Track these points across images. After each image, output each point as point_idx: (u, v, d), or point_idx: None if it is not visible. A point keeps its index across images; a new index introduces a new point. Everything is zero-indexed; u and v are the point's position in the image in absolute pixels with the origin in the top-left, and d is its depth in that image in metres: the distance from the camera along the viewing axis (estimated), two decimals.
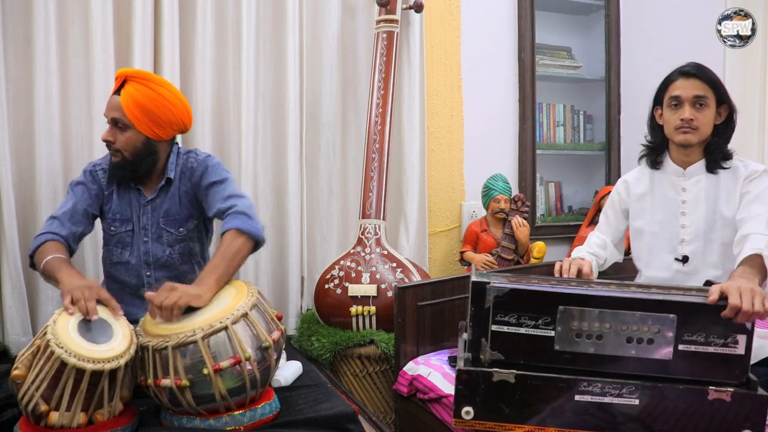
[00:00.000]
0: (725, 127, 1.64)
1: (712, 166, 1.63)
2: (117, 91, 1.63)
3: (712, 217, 1.62)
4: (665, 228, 1.69)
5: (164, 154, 1.73)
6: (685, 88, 1.60)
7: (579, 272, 1.62)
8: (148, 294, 1.37)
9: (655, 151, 1.74)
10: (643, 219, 1.74)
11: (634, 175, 1.80)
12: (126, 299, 1.68)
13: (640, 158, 1.79)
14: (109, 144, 1.66)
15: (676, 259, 1.66)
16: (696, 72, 1.60)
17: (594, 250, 1.79)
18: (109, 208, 1.73)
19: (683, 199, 1.66)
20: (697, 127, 1.59)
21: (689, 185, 1.66)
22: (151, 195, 1.72)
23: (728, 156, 1.62)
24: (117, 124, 1.63)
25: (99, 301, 1.37)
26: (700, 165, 1.65)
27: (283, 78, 2.40)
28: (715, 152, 1.62)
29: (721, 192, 1.62)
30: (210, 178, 1.69)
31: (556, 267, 1.65)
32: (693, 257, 1.64)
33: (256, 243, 1.58)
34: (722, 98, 1.61)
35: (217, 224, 1.80)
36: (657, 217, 1.71)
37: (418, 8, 2.51)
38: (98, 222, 1.79)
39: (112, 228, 1.73)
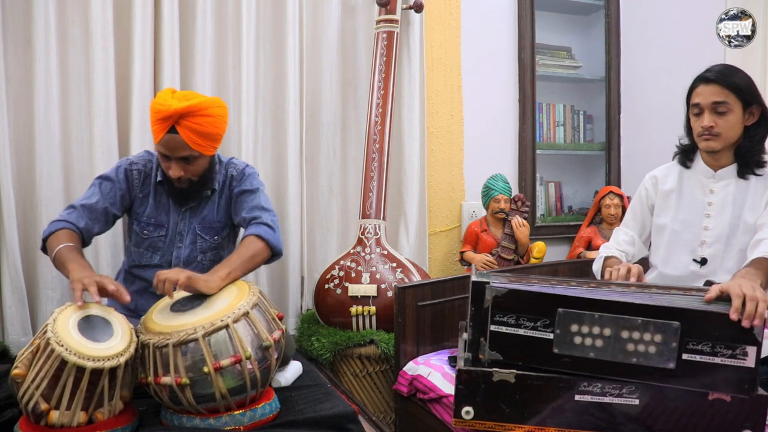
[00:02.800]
0: (757, 128, 1.58)
1: (744, 172, 1.60)
2: (170, 130, 1.55)
3: (736, 222, 1.59)
4: (688, 228, 1.66)
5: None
6: (704, 94, 1.57)
7: (628, 272, 1.54)
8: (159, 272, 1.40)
9: (687, 153, 1.71)
10: (667, 216, 1.71)
11: (663, 171, 1.77)
12: (147, 297, 1.68)
13: (674, 157, 1.76)
14: (179, 178, 1.63)
15: (695, 261, 1.64)
16: (715, 77, 1.55)
17: (623, 247, 1.77)
18: (143, 211, 1.72)
19: (710, 201, 1.64)
20: (719, 134, 1.56)
21: (718, 188, 1.64)
22: (193, 203, 1.73)
23: (761, 163, 1.59)
24: (186, 159, 1.61)
25: (104, 294, 1.38)
26: (732, 169, 1.62)
27: (283, 78, 2.40)
28: (747, 156, 1.59)
29: (748, 198, 1.59)
30: (243, 185, 1.73)
31: (610, 277, 1.56)
32: (712, 260, 1.62)
33: (273, 254, 1.63)
34: (749, 100, 1.55)
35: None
36: (681, 215, 1.68)
37: (418, 8, 2.51)
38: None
39: (145, 232, 1.72)
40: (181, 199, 1.72)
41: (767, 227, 1.50)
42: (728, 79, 1.55)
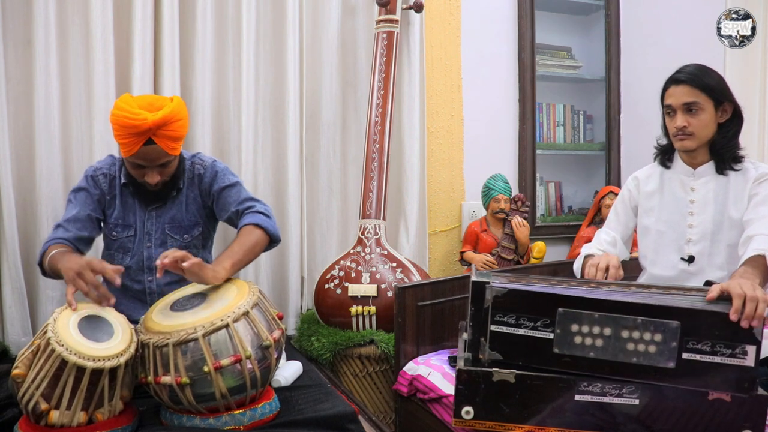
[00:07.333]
0: (729, 124, 1.61)
1: (721, 168, 1.62)
2: (147, 142, 1.52)
3: (720, 218, 1.61)
4: (672, 227, 1.68)
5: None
6: (675, 95, 1.60)
7: (607, 269, 1.56)
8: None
9: (666, 153, 1.74)
10: (651, 217, 1.73)
11: (646, 172, 1.80)
12: (126, 303, 1.69)
13: (654, 158, 1.78)
14: (156, 183, 1.63)
15: (682, 259, 1.66)
16: (685, 78, 1.58)
17: (604, 247, 1.78)
18: (112, 213, 1.73)
19: (692, 199, 1.66)
20: (692, 133, 1.59)
21: (698, 185, 1.65)
22: (159, 203, 1.73)
23: (738, 158, 1.61)
24: (164, 165, 1.62)
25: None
26: (710, 166, 1.64)
27: (283, 78, 2.40)
28: (722, 152, 1.61)
29: (729, 193, 1.61)
30: (221, 182, 1.72)
31: (589, 275, 1.58)
32: (699, 258, 1.63)
33: (271, 241, 1.63)
34: (720, 98, 1.58)
35: (218, 233, 1.81)
36: (664, 215, 1.70)
37: (418, 8, 2.51)
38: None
39: (114, 233, 1.73)
40: (149, 200, 1.71)
41: (756, 223, 1.51)
42: (698, 79, 1.57)
